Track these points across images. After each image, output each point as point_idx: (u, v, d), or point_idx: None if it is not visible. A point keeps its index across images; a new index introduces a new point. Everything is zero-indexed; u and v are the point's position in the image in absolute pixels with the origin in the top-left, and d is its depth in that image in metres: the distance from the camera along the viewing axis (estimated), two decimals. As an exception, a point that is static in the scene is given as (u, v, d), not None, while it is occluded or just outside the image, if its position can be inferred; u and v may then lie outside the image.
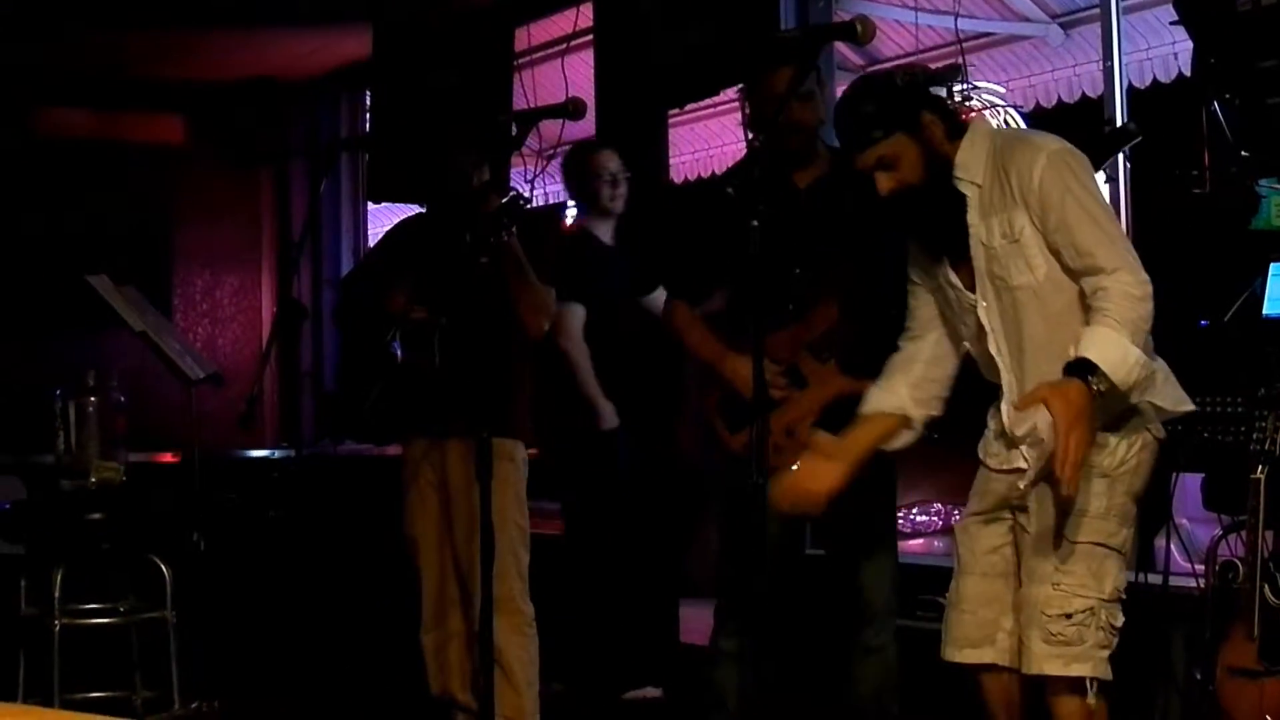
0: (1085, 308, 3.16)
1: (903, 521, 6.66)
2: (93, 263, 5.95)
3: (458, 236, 4.12)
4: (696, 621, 5.33)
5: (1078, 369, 3.03)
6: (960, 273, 3.37)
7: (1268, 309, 4.14)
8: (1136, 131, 4.38)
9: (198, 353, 6.18)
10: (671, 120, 6.58)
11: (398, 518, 4.66)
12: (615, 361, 5.46)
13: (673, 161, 7.33)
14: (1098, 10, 5.10)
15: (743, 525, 3.91)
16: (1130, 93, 5.03)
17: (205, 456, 5.64)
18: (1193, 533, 4.39)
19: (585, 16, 6.59)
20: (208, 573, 5.30)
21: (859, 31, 3.13)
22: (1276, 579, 3.55)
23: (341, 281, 6.74)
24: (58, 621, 4.77)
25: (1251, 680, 3.55)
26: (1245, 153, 3.99)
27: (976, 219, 3.30)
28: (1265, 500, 3.54)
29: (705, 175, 8.50)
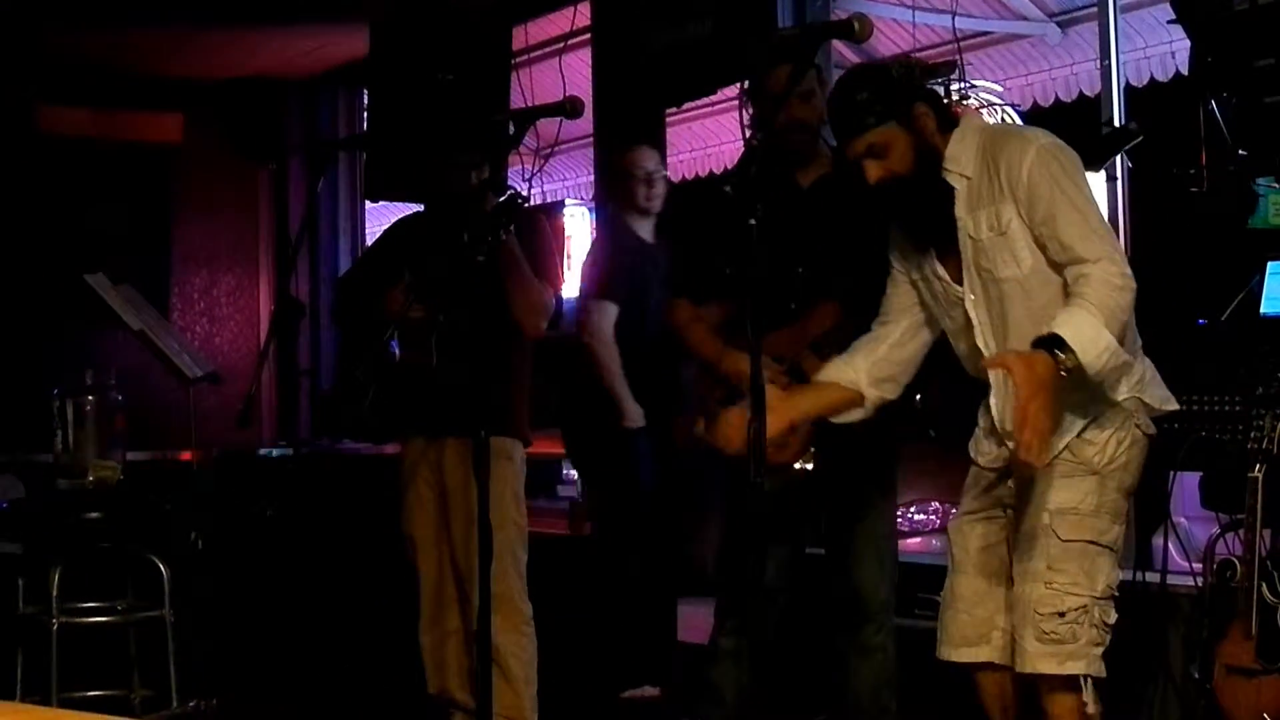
0: (1069, 298, 3.17)
1: (901, 520, 6.65)
2: (90, 261, 5.95)
3: (455, 235, 4.11)
4: (694, 619, 5.34)
5: (1047, 343, 3.05)
6: (948, 265, 3.39)
7: (1265, 308, 4.14)
8: (1138, 131, 4.39)
9: (195, 351, 6.18)
10: (669, 119, 6.58)
11: (396, 516, 4.66)
12: (645, 361, 5.45)
13: (670, 160, 7.33)
14: (1095, 9, 5.10)
15: (743, 523, 3.92)
16: (1128, 92, 5.02)
17: (222, 455, 5.64)
18: (1190, 531, 4.40)
19: (583, 15, 6.60)
20: (205, 572, 5.30)
21: (856, 29, 3.13)
22: (1274, 577, 3.55)
23: (339, 280, 6.74)
24: (56, 620, 4.76)
25: (1249, 678, 3.55)
26: (1243, 151, 4.00)
27: (964, 212, 3.32)
28: (1263, 499, 3.54)
29: (703, 174, 8.50)
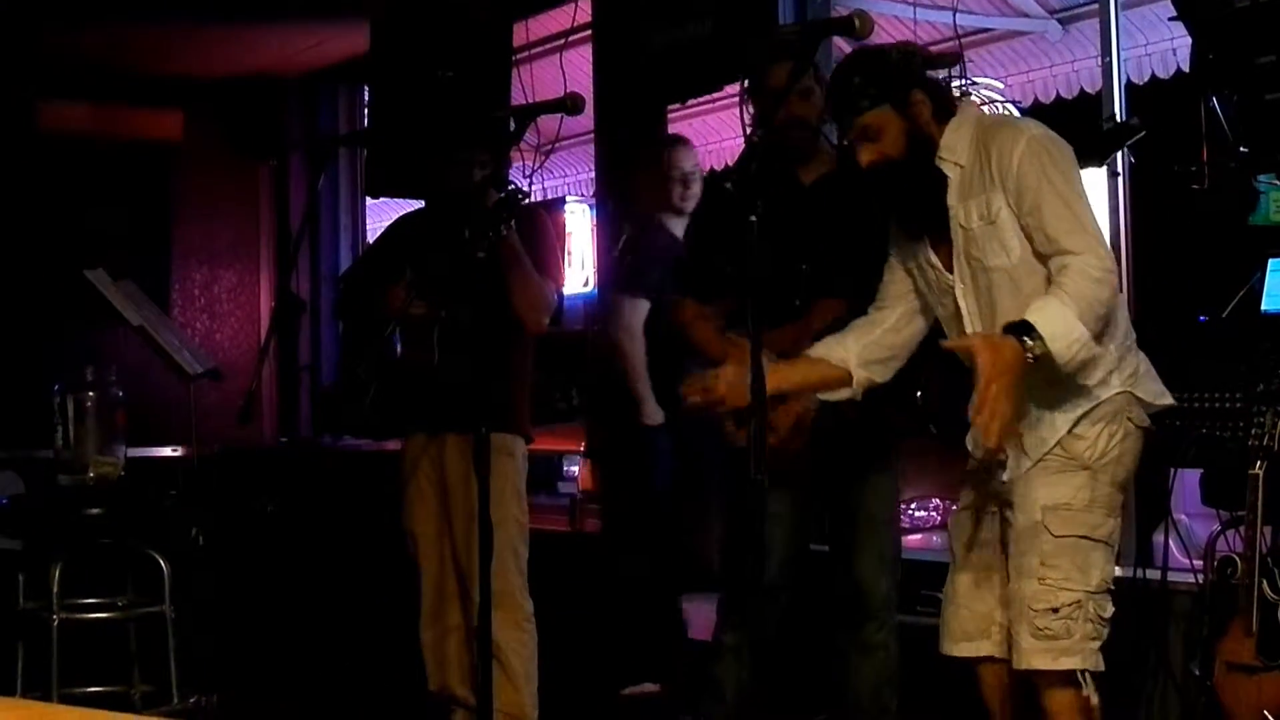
0: (1048, 288, 3.19)
1: (902, 517, 6.66)
2: (91, 257, 5.94)
3: (457, 232, 4.11)
4: (697, 616, 5.34)
5: (1017, 329, 3.08)
6: (940, 253, 3.41)
7: (1266, 304, 4.14)
8: (1139, 126, 4.38)
9: (196, 347, 6.18)
10: (671, 115, 6.57)
11: (397, 513, 4.66)
12: (669, 358, 5.46)
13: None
14: (1096, 6, 5.09)
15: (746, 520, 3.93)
16: (1129, 88, 5.02)
17: (223, 451, 5.64)
18: (1191, 528, 4.39)
19: (584, 12, 6.59)
20: (206, 568, 5.30)
21: (857, 26, 3.14)
22: (1275, 575, 3.55)
23: (342, 276, 6.74)
24: (56, 616, 4.76)
25: (1249, 676, 3.55)
26: (1244, 148, 3.99)
27: (956, 200, 3.33)
28: (1264, 496, 3.54)
29: (705, 171, 8.49)
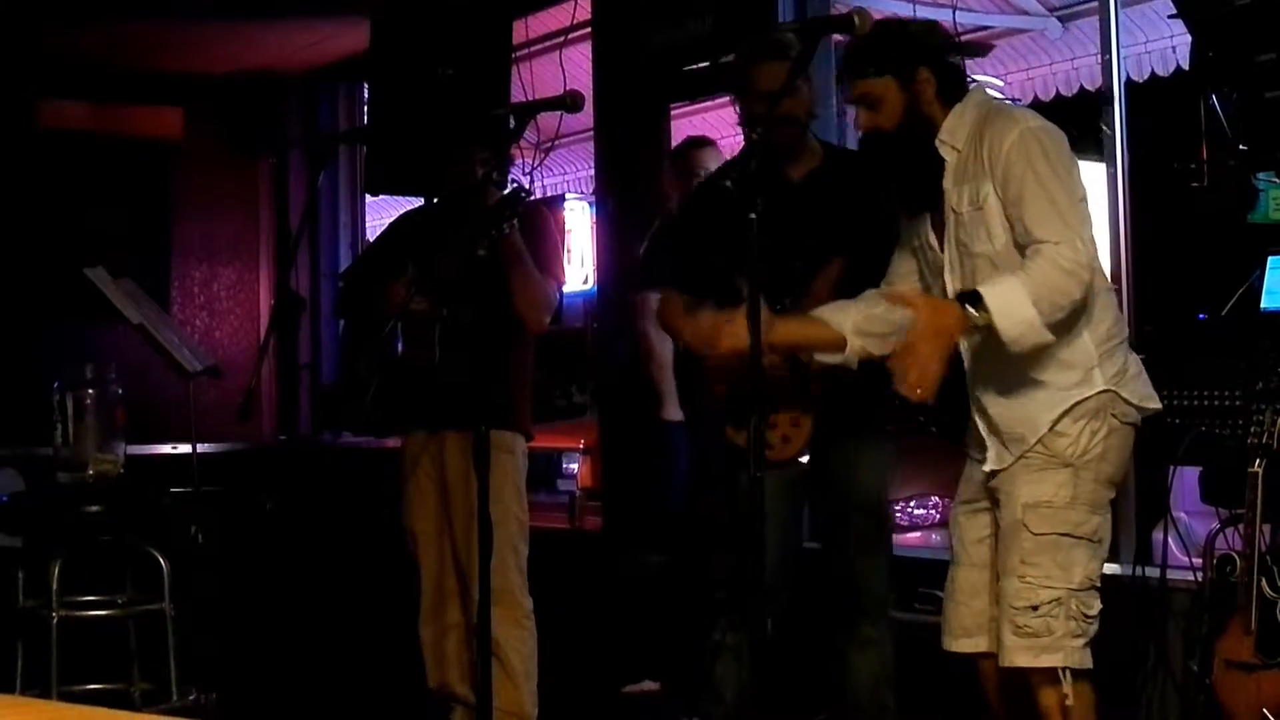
0: None
1: (901, 515, 6.66)
2: (90, 255, 5.94)
3: (459, 229, 4.12)
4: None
5: (967, 298, 3.13)
6: (937, 235, 3.44)
7: (1265, 302, 4.14)
8: None
9: (195, 345, 6.18)
10: (673, 111, 6.56)
11: (396, 510, 4.66)
12: (689, 356, 5.47)
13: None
14: (1096, 4, 5.09)
15: (742, 518, 3.93)
16: (1129, 86, 5.01)
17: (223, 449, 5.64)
18: (1190, 526, 4.39)
19: (583, 9, 6.59)
20: (205, 565, 5.30)
21: (857, 24, 3.15)
22: (1274, 572, 3.55)
23: (343, 274, 6.75)
24: (56, 613, 4.76)
25: (1248, 674, 3.55)
26: (1243, 146, 3.99)
27: (951, 184, 3.36)
28: (1263, 494, 3.53)
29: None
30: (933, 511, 9.36)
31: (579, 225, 8.48)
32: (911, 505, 7.06)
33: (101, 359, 5.26)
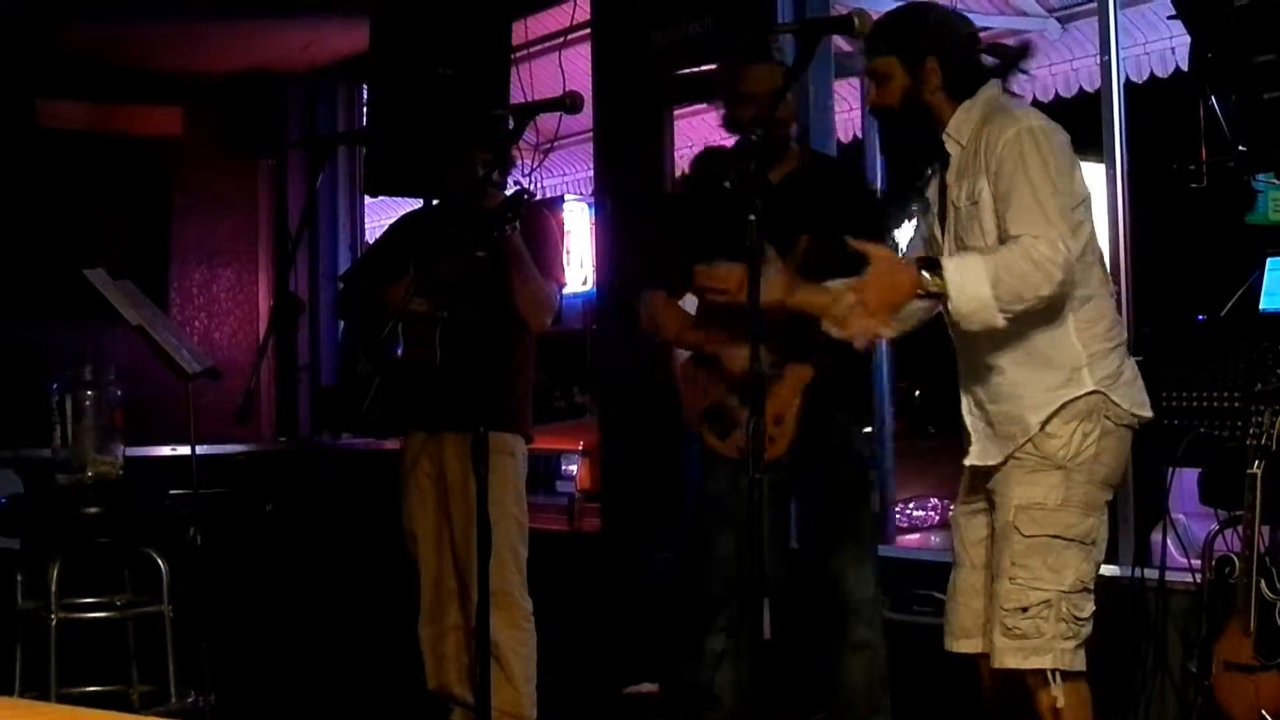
0: None
1: (899, 516, 6.66)
2: (90, 256, 5.94)
3: (459, 230, 4.12)
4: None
5: (926, 263, 3.15)
6: (941, 229, 3.46)
7: (1264, 303, 4.14)
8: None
9: (194, 346, 6.17)
10: (676, 111, 6.55)
11: (396, 512, 4.66)
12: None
13: (680, 153, 7.29)
14: (1095, 5, 5.09)
15: (728, 525, 3.93)
16: (1128, 87, 5.01)
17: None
18: (1189, 528, 4.39)
19: (582, 10, 6.59)
20: (204, 567, 5.29)
21: (856, 25, 3.15)
22: (1273, 574, 3.55)
23: (343, 275, 6.75)
24: (54, 615, 4.76)
25: (1247, 675, 3.55)
26: (1242, 147, 3.99)
27: (953, 179, 3.37)
28: (1262, 495, 3.54)
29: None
30: (931, 513, 9.35)
31: (578, 226, 8.48)
32: (910, 507, 7.07)
33: (100, 360, 5.25)
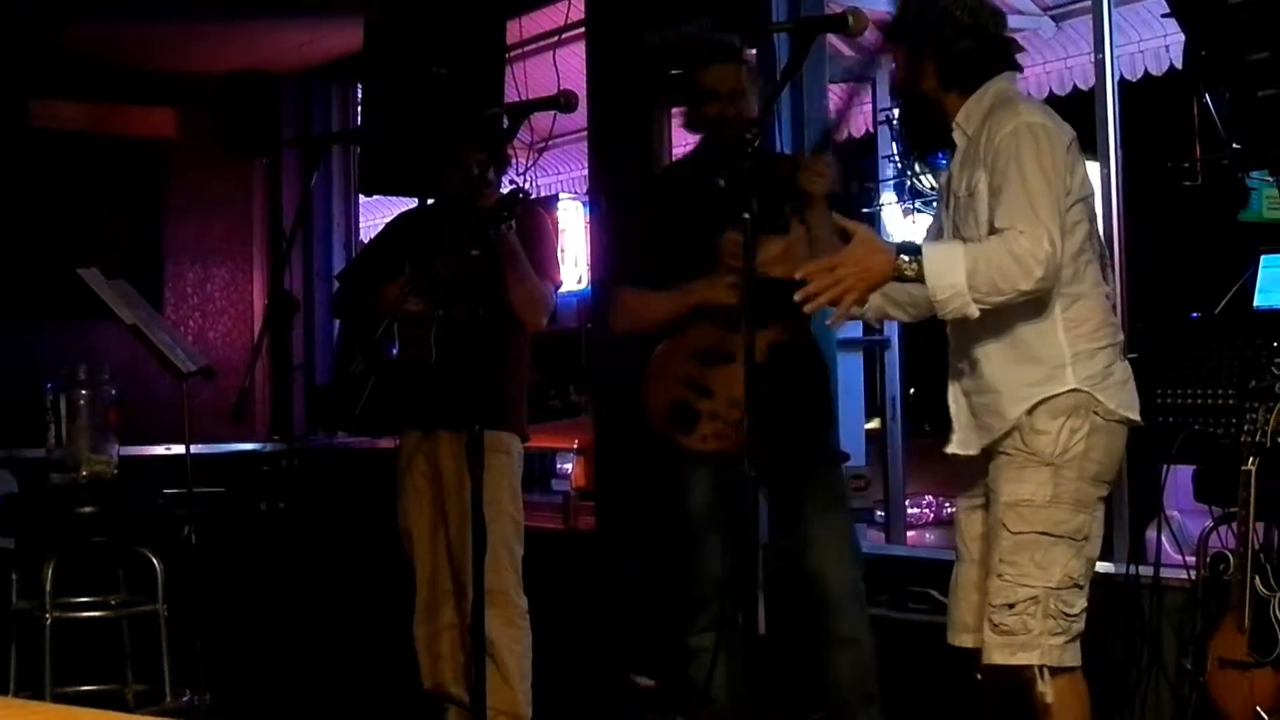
0: None
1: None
2: (84, 256, 5.93)
3: (454, 229, 4.12)
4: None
5: (905, 247, 3.18)
6: (946, 218, 3.49)
7: (1258, 301, 4.14)
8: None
9: (189, 346, 6.16)
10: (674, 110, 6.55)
11: (391, 511, 4.65)
12: None
13: (678, 151, 7.29)
14: (1089, 3, 5.10)
15: (710, 525, 3.93)
16: (1122, 85, 5.02)
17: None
18: (1184, 524, 4.40)
19: (577, 9, 6.58)
20: (199, 566, 5.29)
21: (850, 24, 3.15)
22: (1267, 570, 3.56)
23: (339, 274, 6.75)
24: (49, 615, 4.76)
25: (1241, 672, 3.56)
26: (1236, 145, 4.00)
27: (956, 169, 3.40)
28: (1256, 492, 3.54)
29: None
30: (926, 510, 9.35)
31: (573, 225, 8.48)
32: (906, 504, 7.07)
33: (95, 360, 5.25)
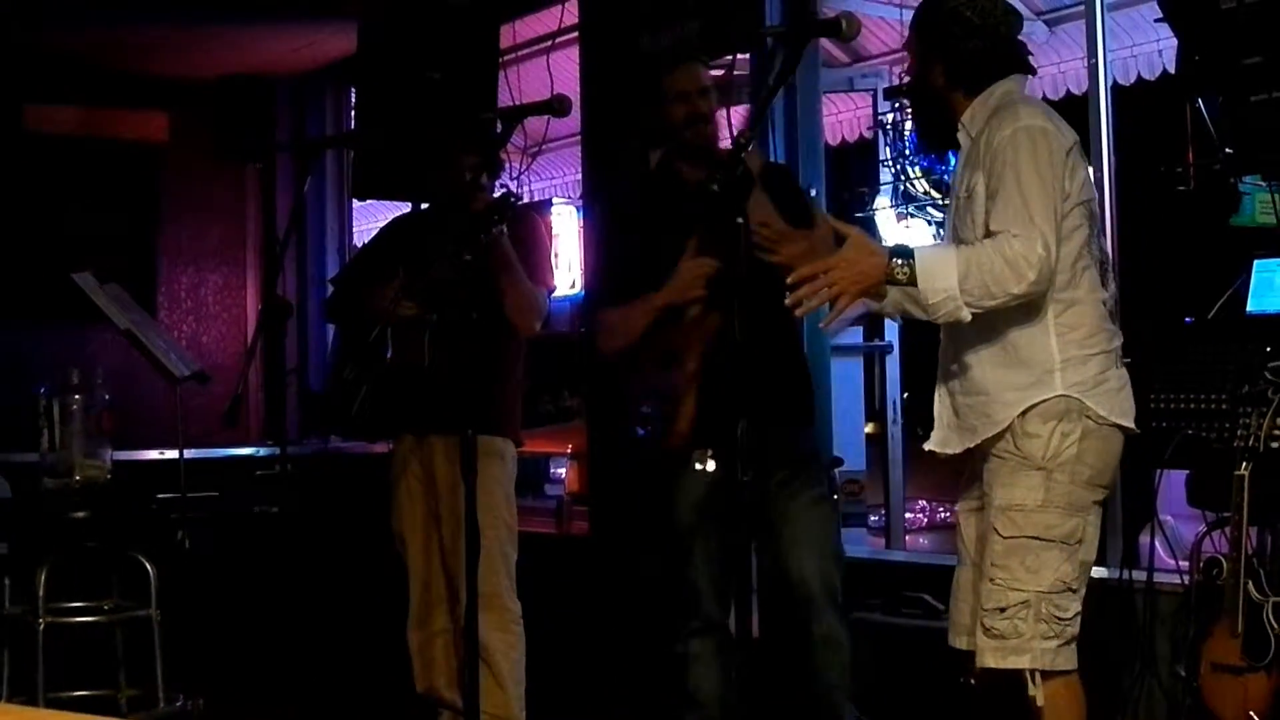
0: None
1: (881, 518, 6.67)
2: (77, 260, 5.93)
3: (447, 234, 4.11)
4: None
5: (898, 250, 3.17)
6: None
7: (1251, 306, 4.15)
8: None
9: (182, 350, 6.17)
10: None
11: (385, 515, 4.65)
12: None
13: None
14: (1082, 8, 5.11)
15: (696, 528, 3.91)
16: (1115, 90, 5.03)
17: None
18: (1177, 529, 4.40)
19: (571, 13, 6.59)
20: (192, 571, 5.28)
21: (844, 28, 3.14)
22: (1260, 575, 3.56)
23: (334, 279, 6.76)
24: (42, 620, 4.75)
25: (1235, 676, 3.56)
26: (1229, 150, 4.00)
27: (959, 169, 3.42)
28: (1249, 497, 3.54)
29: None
30: (921, 515, 9.34)
31: (566, 230, 8.48)
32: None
33: (88, 364, 5.25)
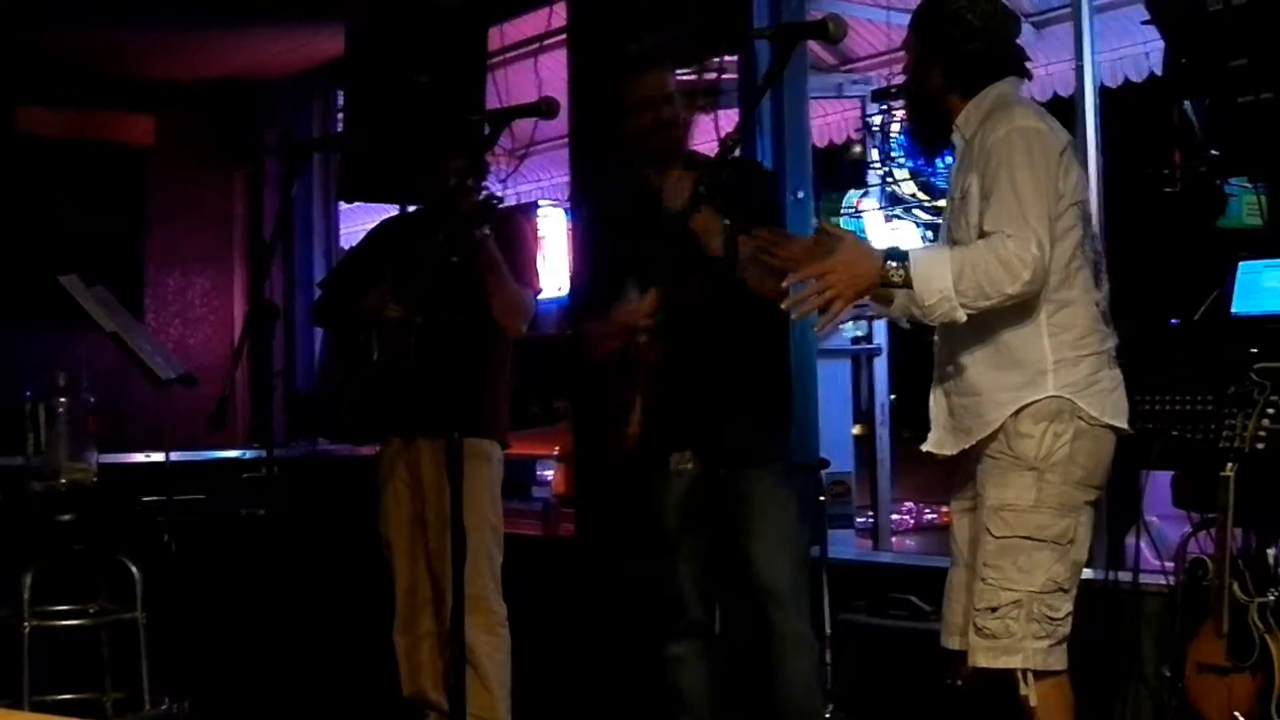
0: None
1: (869, 520, 6.67)
2: (64, 263, 5.91)
3: (434, 236, 4.11)
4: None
5: (893, 253, 3.18)
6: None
7: (1236, 307, 4.15)
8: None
9: (169, 353, 6.15)
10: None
11: (372, 518, 4.64)
12: None
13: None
14: (1069, 10, 5.12)
15: (674, 531, 3.91)
16: (1102, 92, 5.04)
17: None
18: (1163, 530, 4.41)
19: (558, 16, 6.59)
20: (178, 574, 5.27)
21: (831, 30, 3.16)
22: (1245, 576, 3.57)
23: (321, 281, 6.75)
24: (27, 623, 4.74)
25: (1220, 677, 3.57)
26: (1215, 152, 4.01)
27: (955, 171, 3.43)
28: (1235, 498, 3.55)
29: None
30: (907, 517, 9.35)
31: (553, 232, 8.47)
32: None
33: (74, 367, 5.23)
